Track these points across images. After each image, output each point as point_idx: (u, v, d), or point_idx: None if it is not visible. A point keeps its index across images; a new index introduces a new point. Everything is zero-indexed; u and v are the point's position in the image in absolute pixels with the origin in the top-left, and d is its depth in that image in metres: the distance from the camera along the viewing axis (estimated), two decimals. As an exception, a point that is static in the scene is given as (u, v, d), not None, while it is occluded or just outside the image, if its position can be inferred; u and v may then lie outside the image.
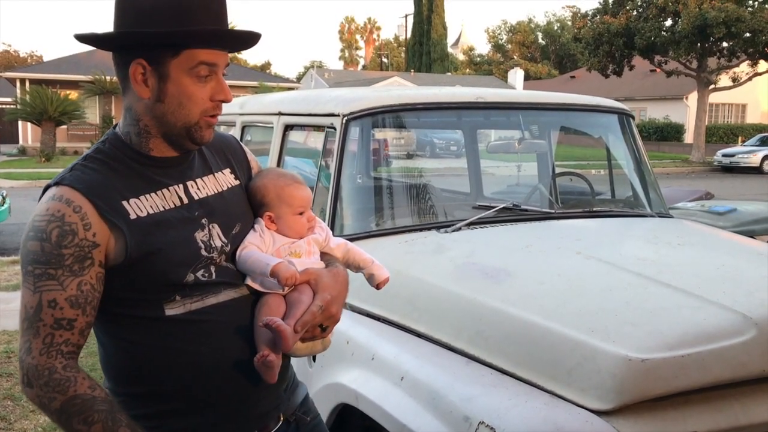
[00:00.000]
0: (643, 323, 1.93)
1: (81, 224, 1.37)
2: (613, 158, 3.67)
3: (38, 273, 1.35)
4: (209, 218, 1.51)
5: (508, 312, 2.10)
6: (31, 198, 15.54)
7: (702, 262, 2.49)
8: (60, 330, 1.35)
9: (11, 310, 6.17)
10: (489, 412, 1.79)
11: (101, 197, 1.40)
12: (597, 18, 29.71)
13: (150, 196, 1.45)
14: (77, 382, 1.35)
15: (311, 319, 1.48)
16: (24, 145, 30.26)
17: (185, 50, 1.40)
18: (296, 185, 1.65)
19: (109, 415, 1.35)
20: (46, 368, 1.35)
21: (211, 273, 1.48)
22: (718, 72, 28.60)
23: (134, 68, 1.43)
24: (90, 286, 1.38)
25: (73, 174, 1.43)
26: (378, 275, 1.69)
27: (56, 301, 1.35)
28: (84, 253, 1.37)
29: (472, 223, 2.84)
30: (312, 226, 1.66)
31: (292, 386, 1.71)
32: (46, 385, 1.34)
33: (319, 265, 1.61)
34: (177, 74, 1.41)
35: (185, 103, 1.43)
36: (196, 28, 1.39)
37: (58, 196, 1.39)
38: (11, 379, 4.52)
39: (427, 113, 3.29)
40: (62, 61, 32.91)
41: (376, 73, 54.82)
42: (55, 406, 1.35)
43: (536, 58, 64.35)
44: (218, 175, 1.60)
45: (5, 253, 9.29)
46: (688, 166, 27.81)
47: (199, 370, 1.45)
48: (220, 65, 1.44)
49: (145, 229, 1.41)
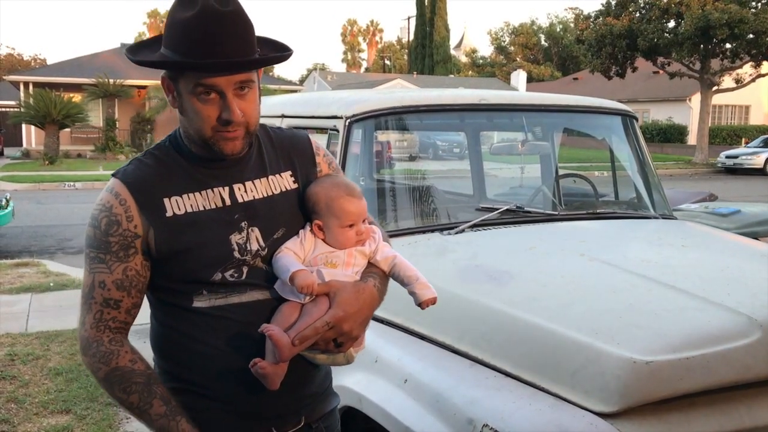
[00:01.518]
0: (647, 325, 1.92)
1: (125, 216, 1.50)
2: (616, 160, 3.66)
3: (92, 256, 1.52)
4: (250, 221, 1.55)
5: (511, 314, 2.09)
6: (34, 201, 15.58)
7: (706, 264, 2.49)
8: (108, 308, 1.51)
9: (14, 313, 6.18)
10: (493, 415, 1.79)
11: (144, 193, 1.51)
12: (600, 20, 29.69)
13: (192, 195, 1.53)
14: (120, 355, 1.50)
15: (312, 335, 1.47)
16: (28, 148, 30.31)
17: (187, 73, 1.46)
18: (348, 198, 1.60)
19: (145, 387, 1.49)
20: (95, 340, 1.51)
21: (241, 273, 1.53)
22: (722, 73, 28.56)
23: (162, 80, 1.55)
24: (135, 272, 1.51)
25: (128, 168, 1.56)
26: (420, 294, 1.60)
27: (105, 282, 1.50)
28: (127, 242, 1.50)
29: (476, 225, 2.84)
30: (363, 240, 1.61)
31: (324, 393, 1.71)
32: (94, 356, 1.50)
33: (352, 278, 1.57)
34: (185, 93, 1.49)
35: (195, 120, 1.50)
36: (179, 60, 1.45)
37: (110, 187, 1.53)
38: (15, 382, 4.53)
39: (429, 115, 3.28)
40: (66, 64, 32.97)
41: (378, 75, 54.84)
42: (100, 375, 1.50)
43: (539, 60, 64.34)
44: (273, 178, 1.62)
45: (8, 255, 9.31)
46: (691, 168, 27.77)
47: (214, 362, 1.53)
48: (222, 86, 1.45)
49: (178, 228, 1.50)
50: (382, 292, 1.62)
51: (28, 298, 6.74)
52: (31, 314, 6.19)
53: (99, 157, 27.69)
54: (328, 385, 1.74)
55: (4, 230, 10.73)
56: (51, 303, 6.58)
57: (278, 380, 1.49)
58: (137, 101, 31.81)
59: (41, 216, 13.45)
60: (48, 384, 4.51)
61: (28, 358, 4.98)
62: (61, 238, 11.13)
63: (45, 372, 4.73)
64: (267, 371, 1.47)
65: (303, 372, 1.60)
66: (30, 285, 7.22)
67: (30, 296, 6.80)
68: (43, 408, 4.14)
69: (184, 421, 1.49)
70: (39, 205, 15.01)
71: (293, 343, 1.45)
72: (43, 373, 4.70)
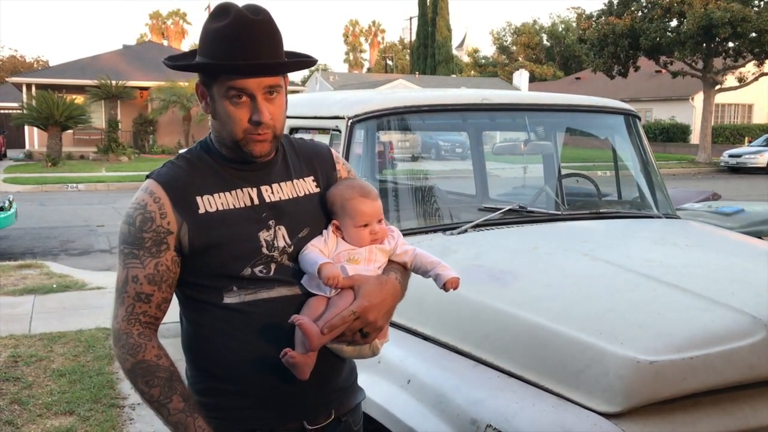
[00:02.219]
0: (651, 325, 1.91)
1: (158, 213, 1.58)
2: (619, 159, 3.65)
3: (126, 252, 1.59)
4: (277, 220, 1.64)
5: (514, 314, 2.09)
6: (37, 202, 15.61)
7: (710, 264, 2.48)
8: (139, 302, 1.58)
9: (17, 315, 6.19)
10: (496, 415, 1.78)
11: (177, 191, 1.59)
12: (602, 19, 29.65)
13: (223, 194, 1.62)
14: (146, 349, 1.56)
15: (340, 323, 1.53)
16: (30, 150, 30.34)
17: (220, 77, 1.56)
18: (361, 199, 1.69)
19: (166, 382, 1.54)
20: (125, 333, 1.57)
21: (269, 270, 1.61)
22: (724, 72, 28.50)
23: (196, 87, 1.65)
24: (165, 267, 1.58)
25: (162, 169, 1.65)
26: (444, 275, 1.67)
27: (137, 277, 1.57)
28: (160, 238, 1.57)
29: (478, 225, 2.83)
30: (378, 239, 1.68)
31: (351, 388, 1.77)
32: (123, 347, 1.56)
33: (374, 273, 1.64)
34: (218, 97, 1.59)
35: (227, 122, 1.59)
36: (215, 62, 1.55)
37: (145, 187, 1.62)
38: (18, 384, 4.53)
39: (432, 115, 3.28)
40: (68, 66, 33.02)
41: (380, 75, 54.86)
42: (127, 366, 1.56)
43: (541, 60, 64.29)
44: (297, 182, 1.72)
45: (12, 257, 9.32)
46: (694, 167, 27.73)
47: (245, 357, 1.58)
48: (253, 89, 1.55)
49: (210, 224, 1.59)
50: (404, 286, 1.70)
51: (32, 299, 6.75)
52: (35, 316, 6.20)
53: (102, 158, 27.72)
54: (354, 380, 1.80)
55: (8, 232, 10.75)
56: (54, 305, 6.59)
57: (308, 370, 1.55)
58: (139, 103, 31.85)
59: (44, 218, 13.47)
60: (51, 385, 4.51)
61: (31, 359, 4.98)
62: (64, 240, 11.15)
63: (48, 373, 4.73)
64: (297, 360, 1.52)
65: (331, 366, 1.66)
66: (33, 287, 7.23)
67: (33, 298, 6.80)
68: (46, 409, 4.14)
69: (201, 419, 1.54)
70: (42, 207, 15.04)
71: (322, 331, 1.51)
72: (47, 375, 4.71)
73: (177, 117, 30.37)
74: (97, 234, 11.65)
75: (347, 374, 1.75)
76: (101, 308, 6.41)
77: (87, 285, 7.41)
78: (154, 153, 30.40)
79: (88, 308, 6.45)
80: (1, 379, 4.59)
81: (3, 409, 4.14)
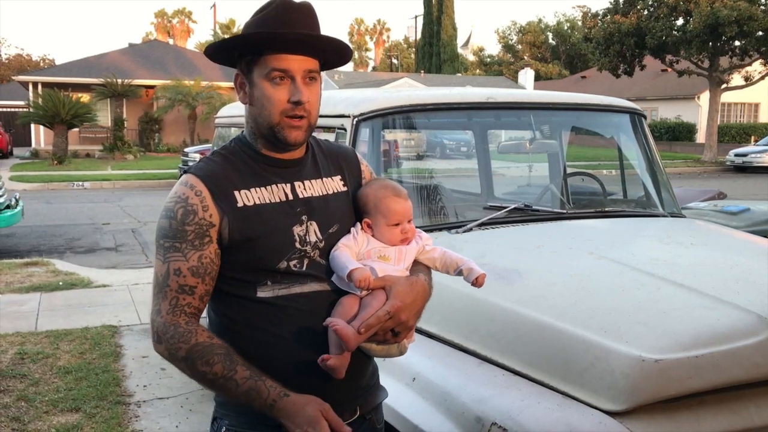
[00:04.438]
0: (656, 324, 1.91)
1: (201, 206, 1.59)
2: (624, 158, 3.65)
3: (167, 246, 1.59)
4: (309, 216, 1.67)
5: (520, 313, 2.09)
6: (43, 200, 15.67)
7: (715, 262, 2.47)
8: (183, 294, 1.58)
9: (23, 312, 6.22)
10: (501, 413, 1.79)
11: (216, 185, 1.61)
12: (607, 17, 29.56)
13: (259, 189, 1.64)
14: (197, 333, 1.57)
15: (376, 323, 1.55)
16: (37, 148, 30.44)
17: (261, 57, 1.60)
18: (395, 198, 1.73)
19: (226, 357, 1.54)
20: (172, 324, 1.57)
21: (303, 264, 1.63)
22: (730, 71, 28.40)
23: (235, 78, 1.69)
24: (209, 260, 1.60)
25: (200, 164, 1.67)
26: (475, 269, 1.72)
27: (180, 270, 1.58)
28: (203, 230, 1.59)
29: (484, 223, 2.83)
30: (408, 238, 1.72)
31: (374, 386, 1.80)
32: (173, 338, 1.56)
33: (403, 273, 1.68)
34: (258, 79, 1.62)
35: (266, 105, 1.62)
36: (254, 32, 1.59)
37: (184, 181, 1.63)
38: (25, 381, 4.55)
39: (437, 114, 3.28)
40: (74, 65, 33.11)
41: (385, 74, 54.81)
42: (181, 354, 1.55)
43: (546, 59, 64.17)
44: (327, 180, 1.75)
45: (18, 255, 9.35)
46: (700, 166, 27.64)
47: (277, 350, 1.61)
48: (294, 70, 1.60)
49: (248, 217, 1.60)
50: (431, 286, 1.73)
51: (38, 297, 6.77)
52: (41, 313, 6.22)
53: (107, 156, 27.79)
54: (377, 379, 1.82)
55: (14, 230, 10.79)
56: (60, 302, 6.61)
57: (344, 370, 1.58)
58: (145, 101, 31.93)
59: (50, 216, 13.51)
60: (57, 382, 4.53)
61: (37, 356, 5.00)
62: (69, 238, 11.18)
63: (54, 371, 4.75)
64: (335, 364, 1.55)
65: (357, 364, 1.66)
66: (39, 284, 7.26)
67: (39, 295, 6.83)
68: (52, 406, 4.16)
69: (269, 380, 1.54)
70: (48, 205, 15.08)
71: (359, 331, 1.54)
72: (53, 372, 4.73)
73: (182, 115, 30.43)
74: (102, 232, 11.68)
75: (371, 373, 1.78)
76: (107, 306, 6.43)
77: (93, 283, 7.43)
78: (159, 151, 30.48)
79: (94, 306, 6.47)
80: (8, 376, 4.61)
81: (10, 405, 4.16)
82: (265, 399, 1.52)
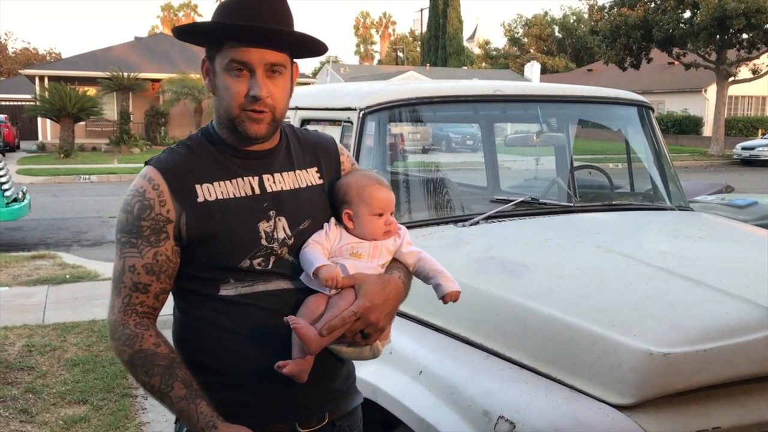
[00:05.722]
0: (664, 317, 1.91)
1: (158, 200, 1.52)
2: (632, 151, 3.63)
3: (124, 241, 1.53)
4: (278, 211, 1.58)
5: (527, 306, 2.08)
6: (50, 194, 15.70)
7: (723, 256, 2.46)
8: (137, 292, 1.52)
9: (31, 305, 6.24)
10: (509, 407, 1.78)
11: (176, 178, 1.54)
12: (614, 10, 29.43)
13: (223, 183, 1.56)
14: (144, 338, 1.50)
15: (340, 325, 1.48)
16: (43, 142, 30.51)
17: (224, 47, 1.52)
18: (379, 186, 1.65)
19: (166, 370, 1.48)
20: (121, 324, 1.52)
21: (269, 262, 1.56)
22: (738, 64, 28.24)
23: (202, 63, 1.61)
24: (165, 257, 1.53)
25: (161, 156, 1.60)
26: (445, 286, 1.60)
27: (135, 267, 1.52)
28: (159, 226, 1.52)
29: (490, 216, 2.82)
30: (390, 231, 1.63)
31: (347, 390, 1.71)
32: (119, 339, 1.51)
33: (377, 270, 1.58)
34: (219, 71, 1.54)
35: (225, 96, 1.54)
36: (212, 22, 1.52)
37: (144, 173, 1.56)
38: (32, 373, 4.57)
39: (444, 107, 3.27)
40: (80, 58, 33.15)
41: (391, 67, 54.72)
42: (125, 357, 1.51)
43: (553, 52, 63.93)
44: (300, 173, 1.66)
45: (25, 248, 9.39)
46: (707, 160, 27.52)
47: (239, 350, 1.54)
48: (254, 63, 1.50)
49: (209, 213, 1.53)
50: (407, 285, 1.63)
51: (45, 290, 6.80)
52: (48, 306, 6.25)
53: (114, 150, 27.84)
54: (351, 382, 1.73)
55: (21, 223, 10.82)
56: (67, 295, 6.64)
57: (306, 374, 1.50)
58: (151, 94, 31.93)
59: (57, 209, 13.55)
60: (65, 375, 4.55)
61: (45, 349, 5.02)
62: (76, 231, 11.21)
63: (62, 363, 4.77)
64: (292, 371, 1.47)
65: (327, 366, 1.59)
66: (46, 277, 7.28)
67: (47, 288, 6.86)
68: (60, 398, 4.18)
69: (204, 404, 1.47)
70: (55, 198, 15.13)
71: (321, 333, 1.46)
72: (60, 364, 4.75)
73: (188, 109, 30.42)
74: (109, 225, 11.70)
75: (345, 376, 1.69)
76: (114, 299, 6.45)
77: (100, 275, 7.45)
78: (165, 144, 30.44)
79: (101, 298, 6.49)
80: (16, 369, 4.63)
81: (18, 397, 4.18)
82: (194, 425, 1.46)
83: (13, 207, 9.43)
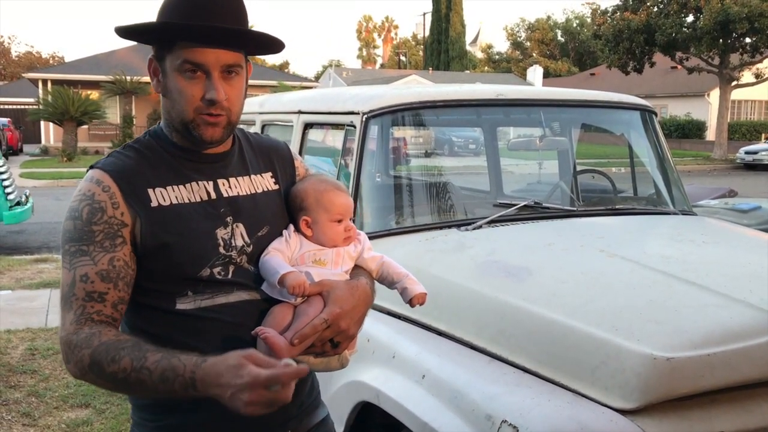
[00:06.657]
0: (668, 322, 1.90)
1: (110, 203, 1.41)
2: (635, 155, 3.63)
3: (73, 251, 1.40)
4: (235, 217, 1.51)
5: (530, 310, 2.08)
6: (53, 197, 15.72)
7: (727, 260, 2.46)
8: (91, 302, 1.37)
9: (34, 308, 6.25)
10: (512, 411, 1.78)
11: (127, 181, 1.43)
12: (617, 14, 29.46)
13: (176, 188, 1.47)
14: (102, 333, 1.34)
15: (312, 333, 1.41)
16: (46, 145, 30.59)
17: (175, 47, 1.42)
18: (337, 191, 1.60)
19: (134, 347, 1.31)
20: (74, 333, 1.35)
21: (228, 272, 1.47)
22: (741, 68, 28.25)
23: (149, 63, 1.50)
24: (123, 263, 1.40)
25: (108, 159, 1.49)
26: (411, 289, 1.59)
27: (88, 275, 1.37)
28: (113, 230, 1.40)
29: (493, 220, 2.82)
30: (349, 237, 1.59)
31: (311, 405, 1.64)
32: (74, 349, 1.34)
33: (342, 277, 1.54)
34: (170, 71, 1.45)
35: (178, 100, 1.45)
36: (162, 22, 1.42)
37: (89, 177, 1.46)
38: (35, 376, 4.57)
39: (446, 111, 3.27)
40: (83, 62, 33.25)
41: (394, 71, 54.76)
42: (86, 361, 1.32)
43: (555, 56, 63.98)
44: (255, 178, 1.59)
45: (29, 251, 9.40)
46: (710, 164, 27.50)
47: None
48: (210, 64, 1.42)
49: (164, 219, 1.43)
50: (374, 291, 1.59)
51: (48, 293, 6.80)
52: (51, 309, 6.25)
53: (116, 153, 27.88)
54: (315, 396, 1.67)
55: (24, 226, 10.84)
56: (70, 298, 6.64)
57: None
58: (154, 98, 31.97)
59: (60, 212, 13.50)
60: (68, 378, 4.55)
61: (48, 352, 5.03)
62: (79, 234, 11.22)
63: (65, 366, 4.77)
64: None
65: None
66: (49, 280, 7.29)
67: (49, 291, 6.86)
68: (63, 402, 4.18)
69: (183, 354, 1.30)
70: (57, 202, 15.14)
71: (292, 342, 1.39)
72: (63, 368, 4.74)
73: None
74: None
75: (309, 390, 1.63)
76: (116, 302, 6.45)
77: (102, 279, 7.46)
78: (168, 148, 30.50)
79: (104, 302, 6.49)
80: (19, 372, 4.64)
81: (20, 401, 4.18)
82: (183, 375, 1.26)
83: (16, 210, 9.45)
